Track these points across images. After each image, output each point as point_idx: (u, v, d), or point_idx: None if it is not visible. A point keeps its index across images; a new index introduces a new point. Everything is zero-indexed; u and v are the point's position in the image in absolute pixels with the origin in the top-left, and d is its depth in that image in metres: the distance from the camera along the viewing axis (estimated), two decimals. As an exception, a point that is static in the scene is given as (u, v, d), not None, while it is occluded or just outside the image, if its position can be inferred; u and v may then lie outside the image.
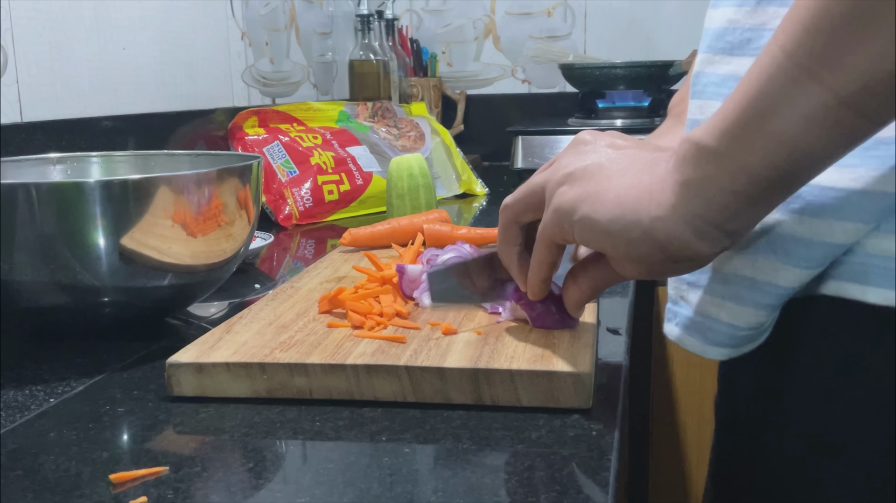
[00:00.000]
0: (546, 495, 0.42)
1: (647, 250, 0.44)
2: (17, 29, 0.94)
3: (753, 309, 0.46)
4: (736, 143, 0.40)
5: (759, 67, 0.39)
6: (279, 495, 0.43)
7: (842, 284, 0.43)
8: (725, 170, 0.40)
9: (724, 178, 0.40)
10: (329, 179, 1.27)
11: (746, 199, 0.41)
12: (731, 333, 0.48)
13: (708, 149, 0.41)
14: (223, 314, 0.78)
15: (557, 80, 1.92)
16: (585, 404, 0.52)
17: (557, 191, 0.49)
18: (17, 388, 0.60)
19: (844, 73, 0.36)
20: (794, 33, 0.37)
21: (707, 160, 0.41)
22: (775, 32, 0.39)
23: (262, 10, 1.52)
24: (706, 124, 0.41)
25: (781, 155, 0.38)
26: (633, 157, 0.47)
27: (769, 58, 0.38)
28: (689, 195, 0.42)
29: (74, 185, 0.62)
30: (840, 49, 0.36)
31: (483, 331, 0.60)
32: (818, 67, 0.36)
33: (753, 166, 0.39)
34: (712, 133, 0.41)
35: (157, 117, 1.20)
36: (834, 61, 0.36)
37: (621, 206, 0.45)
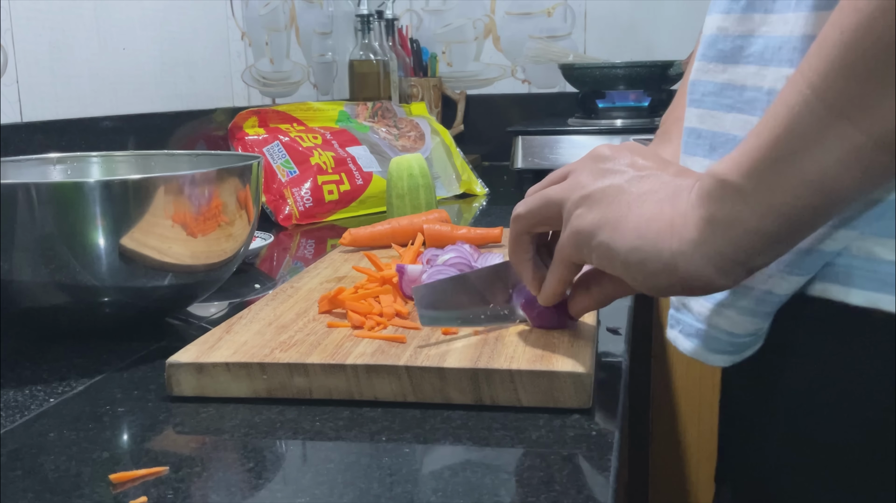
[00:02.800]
0: (546, 495, 0.42)
1: (666, 283, 0.44)
2: (17, 29, 0.94)
3: (752, 317, 0.47)
4: (764, 183, 0.39)
5: (786, 104, 0.38)
6: (279, 495, 0.43)
7: (826, 286, 0.44)
8: (752, 210, 0.39)
9: (750, 219, 0.40)
10: (329, 179, 1.27)
11: (772, 238, 0.40)
12: (730, 341, 0.48)
13: (734, 186, 0.40)
14: (223, 314, 0.78)
15: (557, 80, 1.92)
16: (585, 404, 0.52)
17: (575, 212, 0.49)
18: (17, 388, 0.60)
19: (880, 114, 0.35)
20: (823, 72, 0.36)
21: (733, 199, 0.40)
22: (801, 66, 0.38)
23: (262, 10, 1.52)
24: (730, 159, 0.41)
25: (811, 195, 0.38)
26: (653, 182, 0.46)
27: (796, 95, 0.37)
28: (713, 233, 0.41)
29: (74, 185, 0.62)
30: (875, 90, 0.35)
31: (483, 331, 0.60)
32: (851, 109, 0.35)
33: (782, 206, 0.39)
34: (738, 170, 0.40)
35: (157, 117, 1.20)
36: (868, 103, 0.35)
37: (641, 238, 0.44)
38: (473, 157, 1.80)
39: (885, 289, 0.41)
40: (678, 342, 0.52)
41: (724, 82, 0.48)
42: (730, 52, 0.48)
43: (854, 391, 0.44)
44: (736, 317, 0.47)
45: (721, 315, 0.48)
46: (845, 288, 0.43)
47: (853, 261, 0.43)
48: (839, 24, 0.36)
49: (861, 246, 0.42)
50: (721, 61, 0.49)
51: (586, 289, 0.55)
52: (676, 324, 0.53)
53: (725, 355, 0.49)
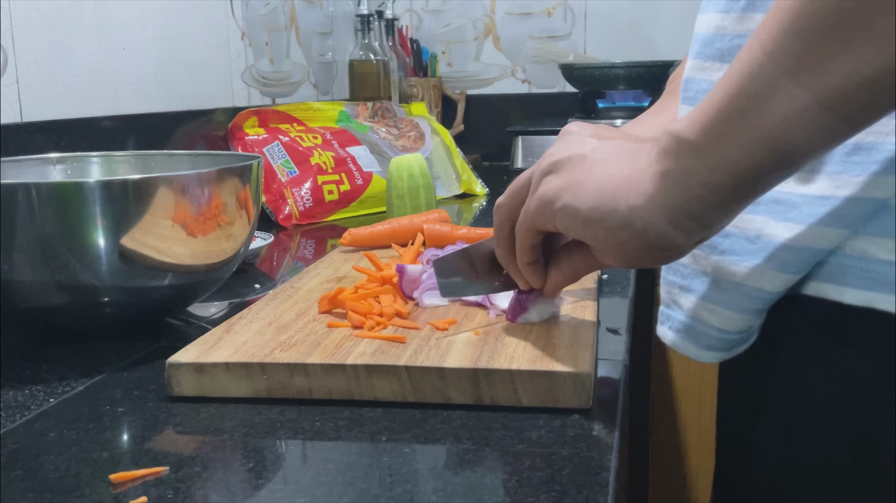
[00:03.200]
0: (546, 495, 0.42)
1: (625, 238, 0.45)
2: (17, 29, 0.94)
3: (742, 314, 0.47)
4: (715, 138, 0.40)
5: (740, 65, 0.39)
6: (279, 495, 0.43)
7: (820, 285, 0.44)
8: (704, 163, 0.41)
9: (702, 172, 0.41)
10: (329, 179, 1.27)
11: (723, 193, 0.41)
12: (721, 337, 0.49)
13: (688, 142, 0.41)
14: (223, 314, 0.78)
15: (557, 80, 1.92)
16: (585, 404, 0.52)
17: (543, 179, 0.50)
18: (17, 388, 0.60)
19: (824, 76, 0.36)
20: (775, 33, 0.38)
21: (687, 153, 0.42)
22: (756, 30, 0.39)
23: (262, 10, 1.52)
24: (687, 117, 0.42)
25: (760, 152, 0.39)
26: (616, 147, 0.48)
27: (749, 56, 0.39)
28: (667, 186, 0.43)
29: (74, 185, 0.62)
30: (821, 52, 0.36)
31: (482, 331, 0.60)
32: (798, 69, 0.37)
33: (732, 161, 0.40)
34: (693, 127, 0.41)
35: (157, 117, 1.20)
36: (814, 64, 0.36)
37: (601, 196, 0.46)
38: (473, 157, 1.80)
39: (880, 288, 0.42)
40: (667, 338, 0.53)
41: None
42: (728, 51, 0.49)
43: (849, 390, 0.44)
44: (726, 314, 0.47)
45: (711, 311, 0.48)
46: (839, 287, 0.43)
47: (847, 261, 0.43)
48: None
49: (855, 245, 0.42)
50: (718, 60, 0.49)
51: (556, 265, 0.56)
52: (667, 320, 0.53)
53: (715, 352, 0.49)
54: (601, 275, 0.82)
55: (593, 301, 0.68)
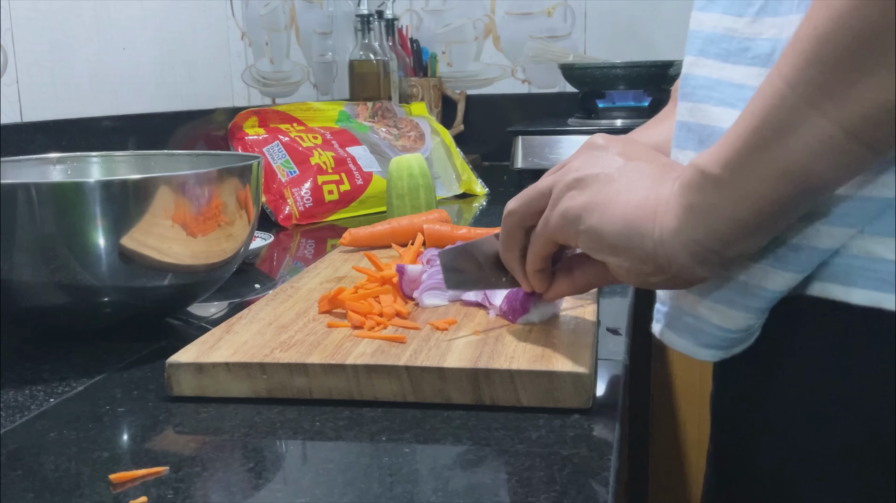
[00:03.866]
0: (546, 495, 0.42)
1: (648, 269, 0.46)
2: (17, 29, 0.94)
3: (744, 312, 0.46)
4: (740, 172, 0.40)
5: (763, 97, 0.39)
6: (279, 495, 0.43)
7: (826, 285, 0.44)
8: (729, 198, 0.41)
9: (726, 206, 0.41)
10: (329, 179, 1.27)
11: (747, 228, 0.41)
12: (722, 336, 0.48)
13: (712, 177, 0.41)
14: (223, 314, 0.78)
15: (557, 80, 1.92)
16: (585, 404, 0.52)
17: (567, 194, 0.50)
18: (17, 388, 0.60)
19: (849, 105, 0.36)
20: (796, 64, 0.37)
21: (712, 188, 0.42)
22: (777, 62, 0.39)
23: (262, 10, 1.52)
24: (711, 151, 0.42)
25: (785, 184, 0.39)
26: (642, 170, 0.48)
27: (772, 88, 0.39)
28: (691, 221, 0.43)
29: (74, 185, 0.62)
30: (843, 81, 0.36)
31: (482, 331, 0.60)
32: (822, 99, 0.37)
33: (756, 195, 0.40)
34: (717, 161, 0.41)
35: (157, 117, 1.20)
36: (838, 93, 0.36)
37: (627, 224, 0.46)
38: (473, 157, 1.80)
39: (887, 288, 0.41)
40: (665, 336, 0.52)
41: (720, 78, 0.49)
42: (734, 52, 0.48)
43: (854, 391, 0.44)
44: (728, 312, 0.47)
45: (711, 309, 0.48)
46: (846, 287, 0.43)
47: (854, 261, 0.42)
48: (812, 20, 0.37)
49: (861, 245, 0.42)
50: (721, 59, 0.49)
51: (568, 273, 0.56)
52: (663, 317, 0.52)
53: (715, 350, 0.49)
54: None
55: (593, 301, 0.68)
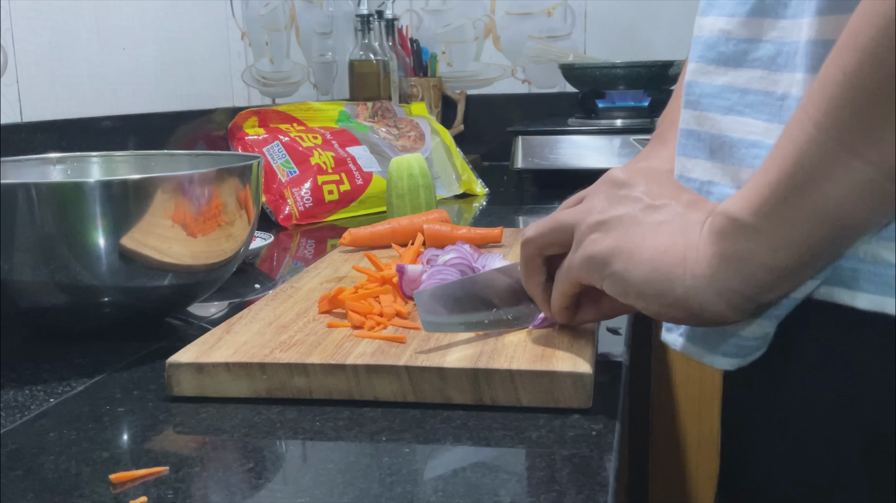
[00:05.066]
0: (546, 495, 0.42)
1: (678, 315, 0.45)
2: (17, 29, 0.94)
3: (764, 319, 0.46)
4: (775, 219, 0.39)
5: (792, 141, 0.38)
6: (279, 495, 0.43)
7: (832, 289, 0.43)
8: (765, 246, 0.40)
9: (763, 255, 0.41)
10: (329, 179, 1.27)
11: (784, 273, 0.41)
12: (739, 344, 0.48)
13: (745, 224, 0.41)
14: (223, 314, 0.78)
15: (557, 80, 1.92)
16: (585, 404, 0.52)
17: (590, 236, 0.49)
18: (17, 388, 0.60)
19: (888, 147, 0.36)
20: (825, 106, 0.37)
21: (745, 236, 0.41)
22: (802, 102, 0.38)
23: (262, 10, 1.52)
24: (740, 196, 0.41)
25: (823, 229, 0.39)
26: (667, 212, 0.47)
27: (800, 131, 0.38)
28: (725, 270, 0.42)
29: (74, 185, 0.62)
30: (881, 125, 0.35)
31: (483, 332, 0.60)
32: (859, 143, 0.36)
33: (793, 241, 0.39)
34: (748, 208, 0.41)
35: (157, 117, 1.20)
36: (875, 136, 0.36)
37: (656, 271, 0.45)
38: (473, 157, 1.80)
39: (892, 292, 0.41)
40: (677, 344, 0.52)
41: (724, 84, 0.48)
42: (732, 56, 0.48)
43: (859, 395, 0.43)
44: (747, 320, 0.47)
45: None
46: (851, 291, 0.43)
47: (860, 265, 0.42)
48: (841, 64, 0.36)
49: (867, 249, 0.42)
50: (722, 64, 0.49)
51: (595, 301, 0.56)
52: (675, 327, 0.52)
53: (732, 358, 0.49)
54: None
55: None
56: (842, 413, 0.44)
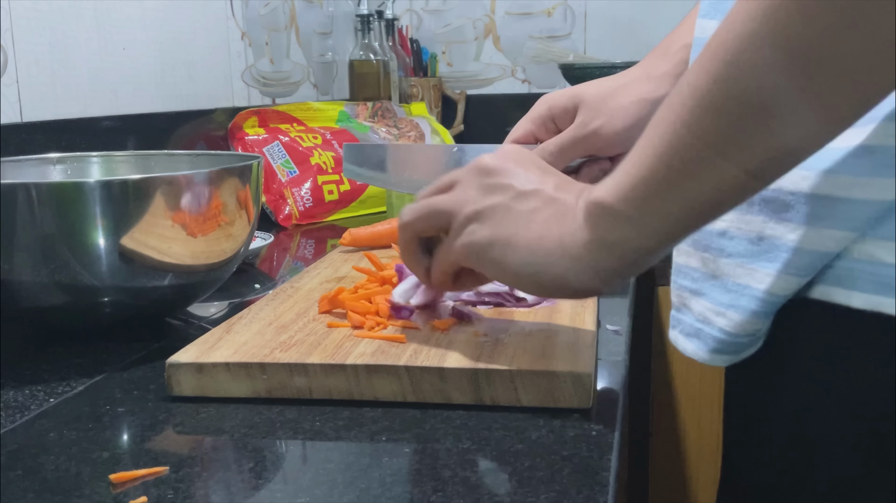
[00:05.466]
0: (546, 495, 0.42)
1: (554, 291, 0.49)
2: (17, 29, 0.94)
3: (752, 317, 0.47)
4: (646, 210, 0.43)
5: (661, 138, 0.41)
6: (279, 495, 0.43)
7: (828, 289, 0.44)
8: (636, 232, 0.44)
9: (634, 239, 0.44)
10: (329, 179, 1.27)
11: (653, 253, 0.45)
12: (730, 341, 0.48)
13: (617, 212, 0.44)
14: (223, 314, 0.78)
15: (557, 80, 1.92)
16: (585, 404, 0.52)
17: (467, 227, 0.52)
18: (17, 388, 0.60)
19: (752, 151, 0.38)
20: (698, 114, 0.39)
21: (618, 222, 0.44)
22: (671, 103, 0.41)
23: (262, 10, 1.52)
24: (613, 184, 0.45)
25: (688, 218, 0.42)
26: (538, 199, 0.50)
27: (672, 132, 0.40)
28: (601, 252, 0.46)
29: (74, 185, 0.62)
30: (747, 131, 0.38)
31: (483, 331, 0.60)
32: (726, 146, 0.39)
33: (662, 229, 0.43)
34: (620, 196, 0.44)
35: (157, 117, 1.20)
36: (742, 140, 0.38)
37: (533, 255, 0.49)
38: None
39: (887, 292, 0.41)
40: (678, 342, 0.53)
41: None
42: None
43: (855, 394, 0.44)
44: (736, 318, 0.47)
45: (720, 314, 0.48)
46: (847, 290, 0.43)
47: (855, 265, 0.42)
48: (711, 72, 0.38)
49: (863, 249, 0.42)
50: None
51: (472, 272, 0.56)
52: (678, 324, 0.53)
53: (725, 355, 0.49)
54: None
55: (593, 301, 0.68)
56: (840, 411, 0.45)
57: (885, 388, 0.42)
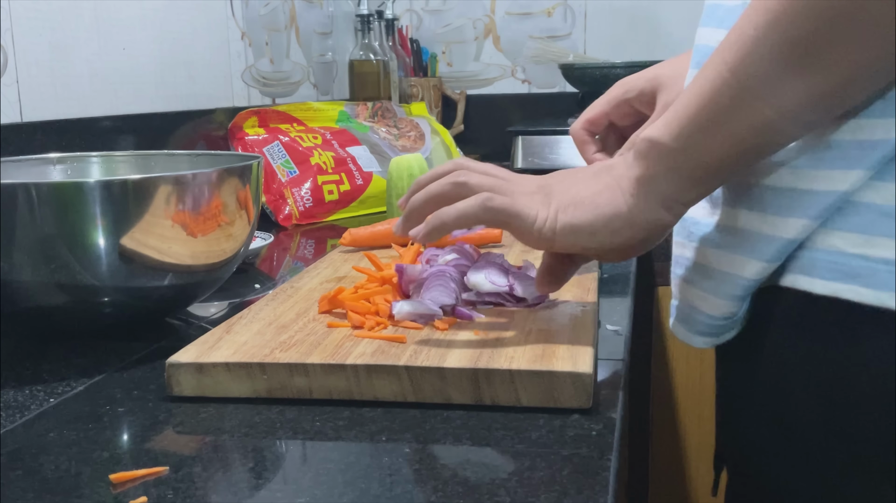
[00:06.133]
0: (546, 495, 0.42)
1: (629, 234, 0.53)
2: (17, 29, 0.94)
3: (726, 300, 0.51)
4: (691, 144, 0.48)
5: (708, 80, 0.46)
6: (279, 495, 0.43)
7: (796, 277, 0.47)
8: (684, 164, 0.49)
9: (683, 170, 0.49)
10: (329, 179, 1.27)
11: (702, 181, 0.49)
12: (709, 323, 0.53)
13: (666, 147, 0.49)
14: (223, 314, 0.78)
15: (557, 80, 1.92)
16: (585, 404, 0.52)
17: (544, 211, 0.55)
18: (17, 388, 0.60)
19: (785, 94, 0.43)
20: (739, 56, 0.44)
21: (667, 156, 0.49)
22: (720, 48, 0.45)
23: (262, 10, 1.52)
24: (662, 123, 0.49)
25: (731, 153, 0.47)
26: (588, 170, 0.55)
27: (716, 73, 0.45)
28: (656, 182, 0.50)
29: (74, 185, 0.62)
30: (781, 76, 0.43)
31: (482, 331, 0.60)
32: (764, 90, 0.43)
33: (706, 160, 0.48)
34: (669, 133, 0.49)
35: (157, 117, 1.20)
36: (777, 86, 0.43)
37: (598, 207, 0.53)
38: (474, 157, 1.80)
39: (845, 279, 0.45)
40: (676, 330, 0.57)
41: None
42: None
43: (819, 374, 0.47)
44: (714, 300, 0.52)
45: (703, 299, 0.53)
46: (809, 278, 0.46)
47: (816, 254, 0.46)
48: (752, 20, 0.43)
49: (824, 240, 0.46)
50: None
51: None
52: (674, 311, 0.57)
53: (705, 337, 0.54)
54: (601, 276, 0.82)
55: (593, 301, 0.68)
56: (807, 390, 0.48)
57: (844, 369, 0.45)
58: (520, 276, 0.68)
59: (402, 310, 0.63)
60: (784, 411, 0.49)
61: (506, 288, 0.67)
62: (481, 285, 0.67)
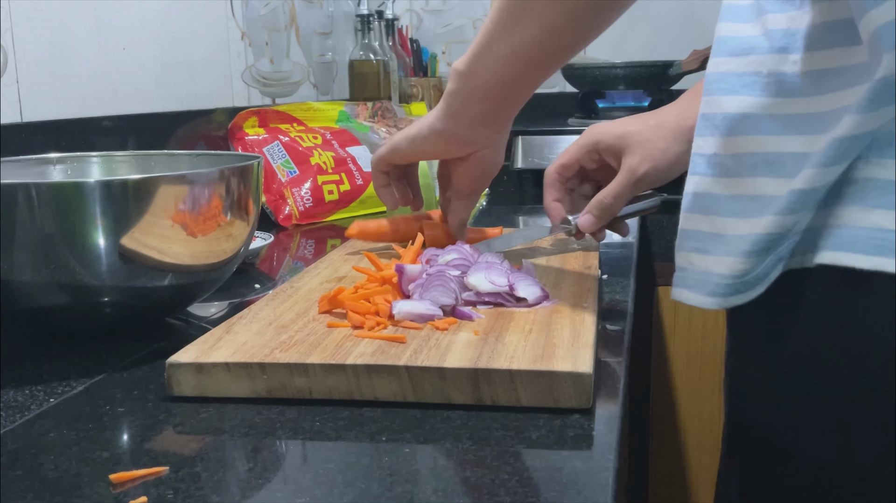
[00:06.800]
0: (546, 495, 0.42)
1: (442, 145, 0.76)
2: (17, 29, 0.94)
3: (739, 257, 0.52)
4: (472, 70, 0.70)
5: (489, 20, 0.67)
6: (279, 495, 0.43)
7: (836, 254, 0.49)
8: (470, 84, 0.71)
9: (471, 90, 0.71)
10: (329, 179, 1.27)
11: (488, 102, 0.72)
12: (718, 282, 0.53)
13: (458, 71, 0.71)
14: (223, 314, 0.78)
15: (557, 80, 1.92)
16: (585, 404, 0.52)
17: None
18: (17, 388, 0.60)
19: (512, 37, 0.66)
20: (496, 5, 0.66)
21: (460, 78, 0.71)
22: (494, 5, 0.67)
23: (262, 10, 1.52)
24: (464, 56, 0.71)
25: (494, 79, 0.69)
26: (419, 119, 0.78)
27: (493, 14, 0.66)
28: (455, 99, 0.72)
29: (74, 185, 0.62)
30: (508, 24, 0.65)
31: (482, 331, 0.60)
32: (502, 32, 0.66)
33: (482, 84, 0.70)
34: (462, 61, 0.70)
35: (157, 117, 1.20)
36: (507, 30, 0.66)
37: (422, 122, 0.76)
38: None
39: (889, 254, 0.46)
40: (682, 295, 0.57)
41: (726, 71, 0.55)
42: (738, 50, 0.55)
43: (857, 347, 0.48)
44: (725, 260, 0.53)
45: (717, 262, 0.54)
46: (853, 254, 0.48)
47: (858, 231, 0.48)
48: None
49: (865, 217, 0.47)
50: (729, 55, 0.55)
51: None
52: (680, 281, 0.58)
53: (716, 297, 0.54)
54: (601, 276, 0.82)
55: (593, 301, 0.68)
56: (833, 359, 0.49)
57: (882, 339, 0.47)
58: (520, 276, 0.68)
59: (402, 310, 0.63)
60: (817, 385, 0.50)
61: (506, 288, 0.67)
62: (481, 285, 0.67)
